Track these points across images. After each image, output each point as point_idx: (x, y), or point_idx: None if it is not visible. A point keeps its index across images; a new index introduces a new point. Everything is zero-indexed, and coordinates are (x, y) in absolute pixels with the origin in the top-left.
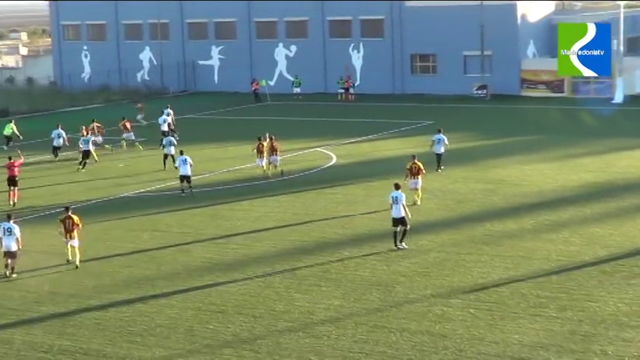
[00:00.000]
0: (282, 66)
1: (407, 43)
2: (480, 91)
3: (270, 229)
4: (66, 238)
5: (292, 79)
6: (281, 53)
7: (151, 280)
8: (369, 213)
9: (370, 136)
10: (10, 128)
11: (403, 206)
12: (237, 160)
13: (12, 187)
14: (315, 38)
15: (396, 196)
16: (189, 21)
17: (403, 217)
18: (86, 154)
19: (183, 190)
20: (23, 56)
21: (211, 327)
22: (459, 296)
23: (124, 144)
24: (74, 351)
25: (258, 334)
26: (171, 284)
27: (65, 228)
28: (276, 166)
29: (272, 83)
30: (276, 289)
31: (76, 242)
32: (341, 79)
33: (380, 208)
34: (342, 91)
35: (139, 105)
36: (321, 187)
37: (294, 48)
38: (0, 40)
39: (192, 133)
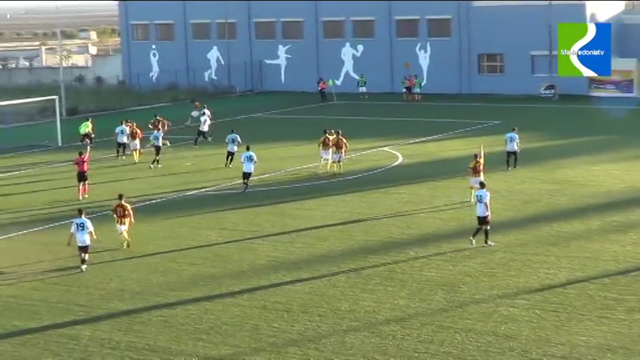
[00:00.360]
0: (348, 65)
1: (474, 42)
2: (547, 91)
3: (335, 228)
4: (118, 224)
5: (358, 78)
6: (348, 53)
7: (217, 278)
8: (434, 213)
9: (436, 136)
10: (87, 126)
11: (486, 205)
12: (303, 159)
13: (82, 182)
14: (381, 38)
15: (480, 195)
16: (256, 20)
17: (487, 216)
18: (157, 150)
19: (244, 185)
20: (92, 55)
21: (276, 325)
22: (525, 297)
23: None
24: (141, 348)
25: (323, 333)
26: (237, 282)
27: (117, 215)
28: (339, 165)
29: (338, 83)
30: (342, 288)
31: (124, 227)
32: (404, 79)
33: (446, 208)
34: (405, 90)
35: (197, 103)
36: (386, 187)
37: (360, 47)
38: (70, 39)
39: (258, 132)
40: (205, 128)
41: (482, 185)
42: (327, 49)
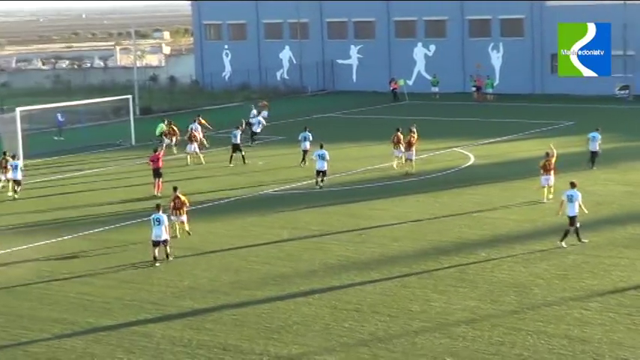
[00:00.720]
0: (420, 65)
1: (547, 42)
2: (622, 92)
3: (407, 228)
4: (174, 215)
5: (430, 78)
6: (420, 53)
7: (288, 278)
8: (507, 214)
9: (509, 137)
10: (162, 128)
11: (580, 205)
12: (374, 159)
13: (157, 179)
14: (454, 38)
15: (571, 195)
16: (328, 20)
17: (576, 216)
18: (235, 147)
19: (317, 183)
20: (166, 55)
21: (347, 325)
22: (597, 300)
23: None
24: (212, 346)
25: (393, 333)
26: (308, 282)
27: (174, 206)
28: (411, 163)
29: (410, 83)
30: (413, 289)
31: (184, 218)
32: (472, 78)
33: (519, 209)
34: (474, 89)
35: (262, 103)
36: (459, 187)
37: (432, 47)
38: (144, 39)
39: (330, 131)
40: (258, 130)
41: (572, 185)
42: (399, 49)
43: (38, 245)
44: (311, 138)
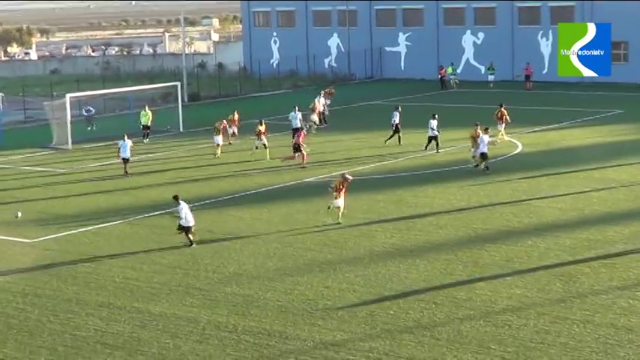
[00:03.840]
0: (469, 53)
1: None
2: None
3: (453, 216)
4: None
5: (478, 66)
6: (468, 40)
7: (333, 264)
8: (553, 202)
9: (557, 125)
10: (145, 116)
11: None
12: (420, 146)
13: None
14: (503, 25)
15: None
16: (377, 8)
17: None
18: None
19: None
20: (214, 42)
21: (392, 312)
22: None
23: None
24: (257, 332)
25: (438, 320)
26: (353, 269)
27: (337, 188)
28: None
29: (459, 70)
30: (458, 276)
31: (339, 202)
32: (523, 70)
33: (565, 197)
34: (524, 78)
35: (327, 91)
36: (506, 175)
37: (481, 35)
38: (193, 26)
39: (378, 119)
40: (297, 125)
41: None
42: (447, 37)
43: (85, 230)
44: (300, 117)
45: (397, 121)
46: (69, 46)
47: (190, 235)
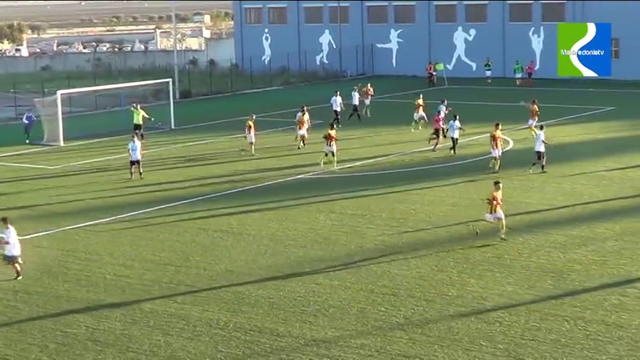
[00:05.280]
0: (460, 50)
1: None
2: None
3: (444, 212)
4: (490, 212)
5: (470, 62)
6: (460, 37)
7: (324, 261)
8: (545, 199)
9: (549, 122)
10: (138, 114)
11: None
12: (412, 143)
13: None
14: (494, 22)
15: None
16: (368, 4)
17: None
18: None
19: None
20: (206, 39)
21: (383, 309)
22: (636, 286)
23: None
24: (249, 329)
25: (429, 317)
26: (344, 266)
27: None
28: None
29: (450, 67)
30: (449, 273)
31: (500, 214)
32: (517, 64)
33: (556, 194)
34: (526, 76)
35: (364, 90)
36: (496, 172)
37: (473, 32)
38: (184, 23)
39: (369, 116)
40: (337, 108)
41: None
42: (439, 34)
43: (76, 227)
44: (340, 101)
45: (443, 115)
46: (60, 43)
47: (17, 266)
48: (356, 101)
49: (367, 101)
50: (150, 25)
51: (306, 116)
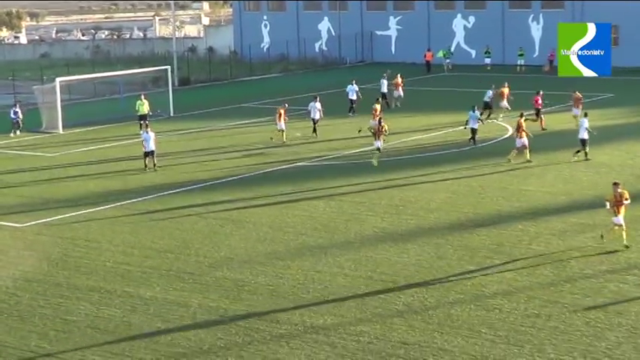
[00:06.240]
0: (459, 37)
1: (587, 14)
2: None
3: (443, 200)
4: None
5: (469, 50)
6: (459, 24)
7: (324, 248)
8: (544, 187)
9: (548, 109)
10: (142, 105)
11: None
12: (412, 131)
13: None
14: (493, 9)
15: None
16: None
17: None
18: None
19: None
20: (205, 26)
21: (382, 296)
22: (635, 273)
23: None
24: (248, 316)
25: (429, 304)
26: (344, 253)
27: (616, 202)
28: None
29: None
30: (449, 260)
31: (620, 220)
32: (520, 51)
33: (556, 181)
34: (548, 63)
35: (394, 82)
36: (496, 159)
37: (472, 19)
38: (183, 10)
39: (367, 103)
40: (353, 97)
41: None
42: (438, 21)
43: (76, 214)
44: (320, 107)
45: (491, 97)
46: (59, 30)
47: None
48: (384, 89)
49: (397, 93)
50: (148, 13)
51: (319, 105)
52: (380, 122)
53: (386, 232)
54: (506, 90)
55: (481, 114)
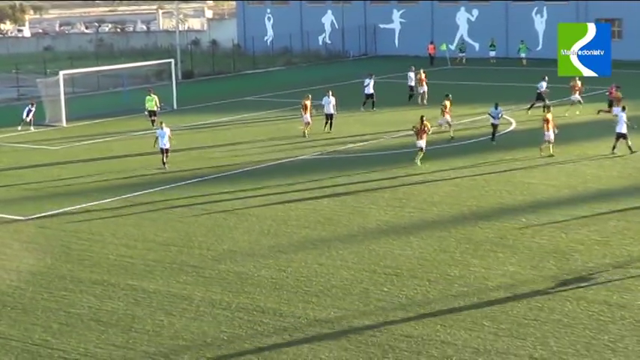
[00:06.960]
0: (463, 30)
1: (591, 7)
2: None
3: (446, 193)
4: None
5: (473, 43)
6: (463, 17)
7: (327, 242)
8: (547, 180)
9: (551, 102)
10: (151, 101)
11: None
12: (412, 124)
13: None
14: (497, 2)
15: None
16: None
17: None
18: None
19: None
20: (208, 19)
21: (386, 289)
22: (638, 266)
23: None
24: (252, 309)
25: (432, 298)
26: (347, 246)
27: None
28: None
29: (452, 47)
30: (452, 253)
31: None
32: (522, 44)
33: (559, 175)
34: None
35: (419, 75)
36: (499, 153)
37: (475, 12)
38: (186, 3)
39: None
40: (370, 91)
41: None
42: (441, 14)
43: (79, 207)
44: (334, 102)
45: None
46: (62, 23)
47: None
48: (412, 82)
49: (422, 89)
50: (152, 6)
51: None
52: (422, 121)
53: (389, 225)
54: (578, 83)
55: (531, 106)
